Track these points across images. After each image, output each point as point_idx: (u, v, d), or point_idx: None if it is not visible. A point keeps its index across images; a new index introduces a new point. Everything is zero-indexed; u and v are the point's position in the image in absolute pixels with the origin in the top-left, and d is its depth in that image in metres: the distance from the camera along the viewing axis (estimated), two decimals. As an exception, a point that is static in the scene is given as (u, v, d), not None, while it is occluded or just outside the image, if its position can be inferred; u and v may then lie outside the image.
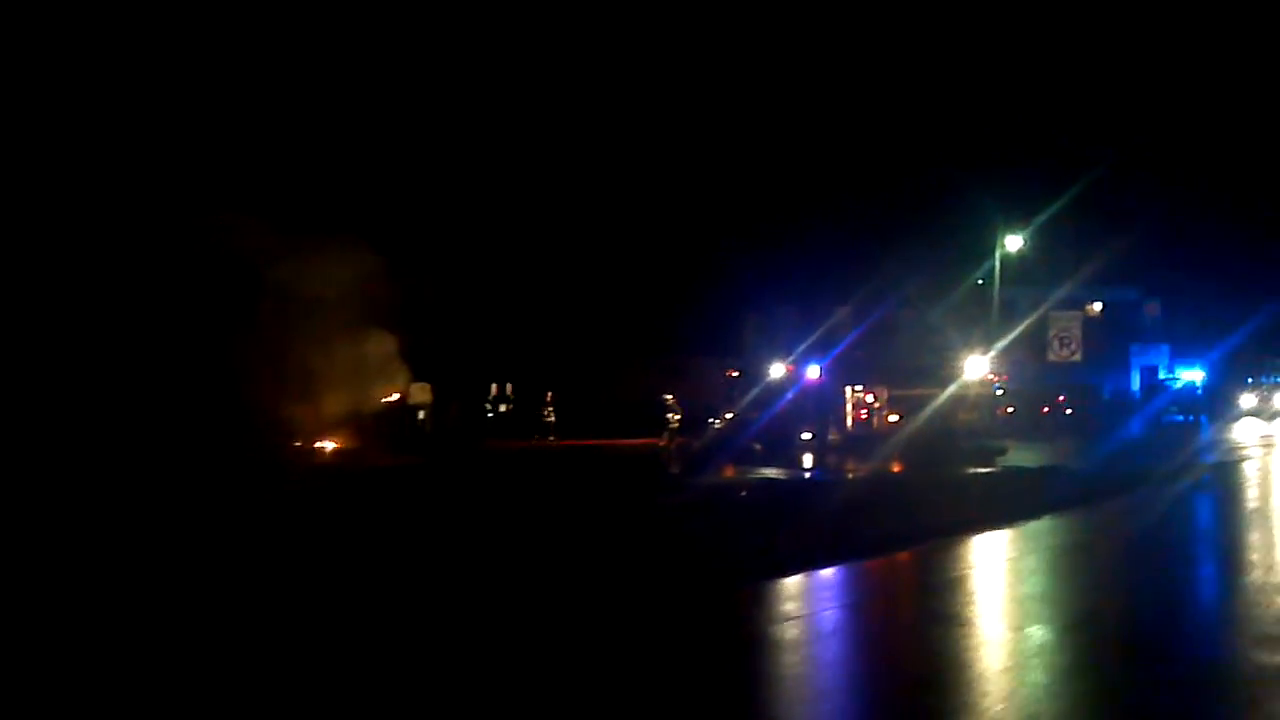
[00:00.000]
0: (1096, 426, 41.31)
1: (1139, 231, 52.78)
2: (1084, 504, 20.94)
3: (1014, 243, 47.38)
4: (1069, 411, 43.09)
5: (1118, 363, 52.73)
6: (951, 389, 34.25)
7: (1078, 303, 54.07)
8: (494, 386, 41.02)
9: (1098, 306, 55.37)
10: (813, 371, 35.17)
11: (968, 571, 14.86)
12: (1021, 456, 29.79)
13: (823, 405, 35.32)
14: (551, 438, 38.45)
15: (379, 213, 38.85)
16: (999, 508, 19.53)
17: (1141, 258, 53.05)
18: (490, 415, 40.86)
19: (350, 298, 32.58)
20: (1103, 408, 48.17)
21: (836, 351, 35.28)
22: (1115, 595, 12.76)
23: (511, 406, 41.88)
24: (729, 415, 35.85)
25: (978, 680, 9.07)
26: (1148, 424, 44.95)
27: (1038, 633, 10.83)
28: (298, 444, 34.10)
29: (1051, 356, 38.92)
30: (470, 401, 40.54)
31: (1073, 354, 39.30)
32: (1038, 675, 9.21)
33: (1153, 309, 55.59)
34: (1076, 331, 42.28)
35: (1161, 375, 52.20)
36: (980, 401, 34.58)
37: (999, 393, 35.89)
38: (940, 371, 34.70)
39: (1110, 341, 52.37)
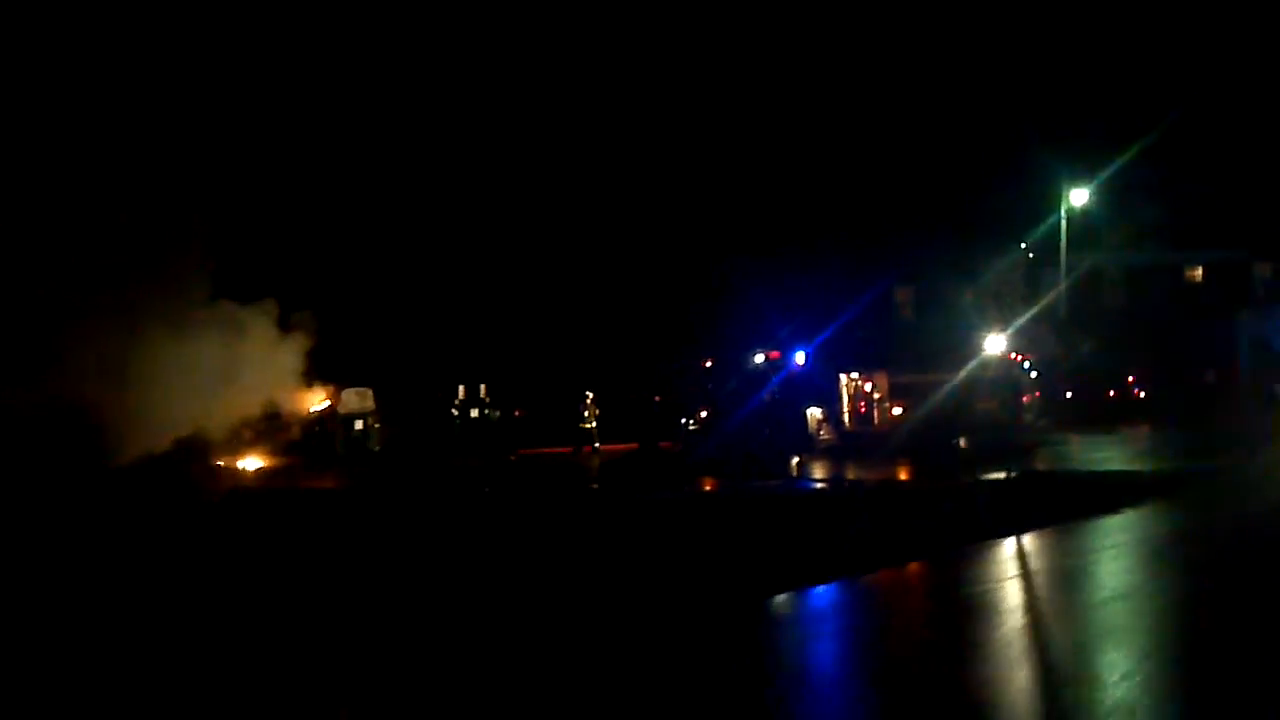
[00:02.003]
0: (1189, 412, 34.22)
1: (1241, 182, 45.42)
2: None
3: (1079, 197, 40.92)
4: (1140, 394, 36.00)
5: (1222, 336, 45.13)
6: (964, 373, 28.08)
7: (1167, 269, 46.83)
8: (461, 389, 36.14)
9: (1199, 273, 48.12)
10: (799, 358, 29.41)
11: None
12: (1075, 456, 23.82)
13: (812, 398, 29.50)
14: (595, 445, 31.28)
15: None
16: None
17: (1247, 212, 45.64)
18: (459, 422, 36.02)
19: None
20: (1202, 389, 40.74)
21: (827, 333, 29.45)
22: None
23: (488, 412, 37.04)
24: (704, 414, 30.33)
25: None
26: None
27: None
28: (218, 463, 30.19)
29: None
30: (431, 407, 35.83)
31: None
32: None
33: (1264, 269, 47.72)
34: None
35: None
36: (1001, 386, 28.25)
37: (1030, 374, 29.46)
38: (956, 353, 28.58)
39: (1209, 310, 44.92)
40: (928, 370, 28.55)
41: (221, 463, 30.36)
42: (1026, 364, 29.28)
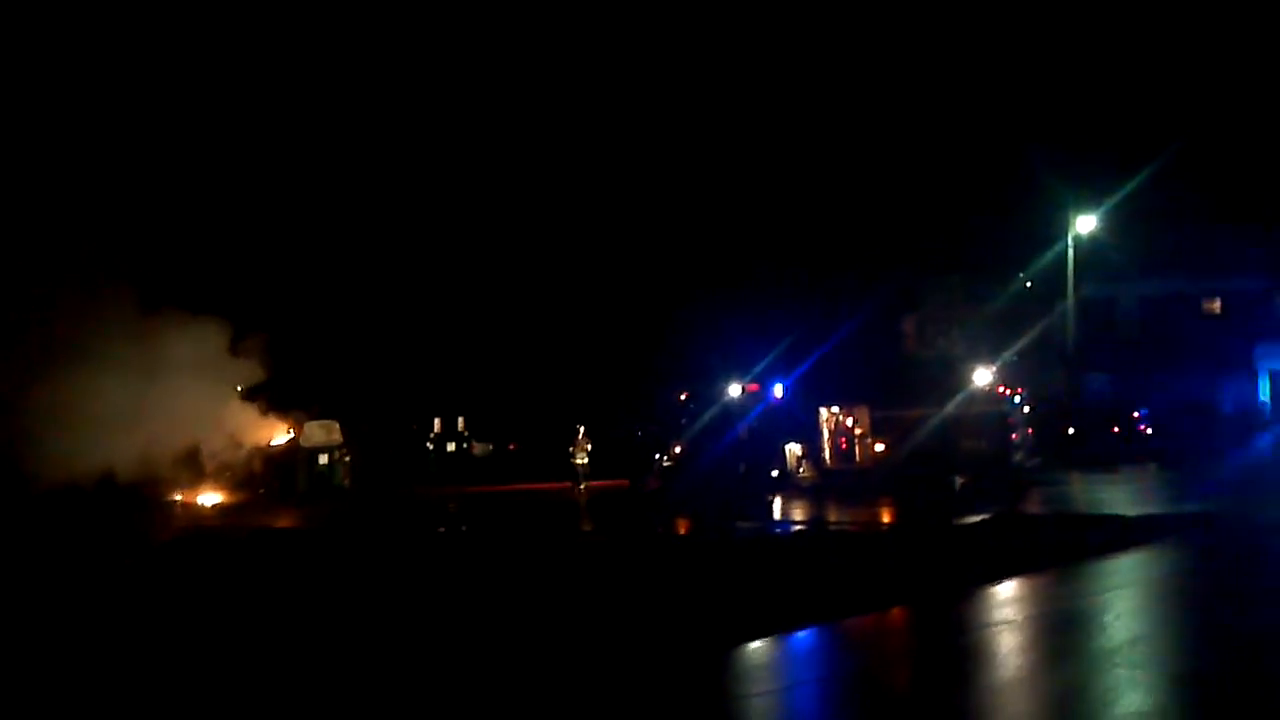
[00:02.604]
0: (1201, 449, 32.34)
1: (1263, 210, 43.56)
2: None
3: (1086, 224, 39.28)
4: (1147, 430, 34.16)
5: (1240, 367, 43.17)
6: (951, 407, 26.50)
7: (1183, 299, 44.95)
8: (437, 422, 34.92)
9: (1216, 304, 46.19)
10: (777, 390, 27.95)
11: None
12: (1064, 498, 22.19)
13: (792, 433, 28.02)
14: (583, 486, 28.53)
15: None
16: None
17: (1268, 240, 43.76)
18: (433, 455, 34.77)
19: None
20: (1220, 424, 38.77)
21: (807, 364, 27.96)
22: None
23: (478, 446, 35.79)
24: (678, 450, 28.90)
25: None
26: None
27: None
28: (175, 499, 29.07)
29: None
30: (405, 440, 34.64)
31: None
32: None
33: (1286, 300, 45.74)
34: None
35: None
36: (989, 422, 26.61)
37: (1022, 409, 27.77)
38: (942, 385, 27.01)
39: (1228, 342, 42.97)
40: (912, 405, 26.98)
41: (179, 497, 29.43)
42: (1018, 398, 27.62)
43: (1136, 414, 33.38)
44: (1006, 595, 13.09)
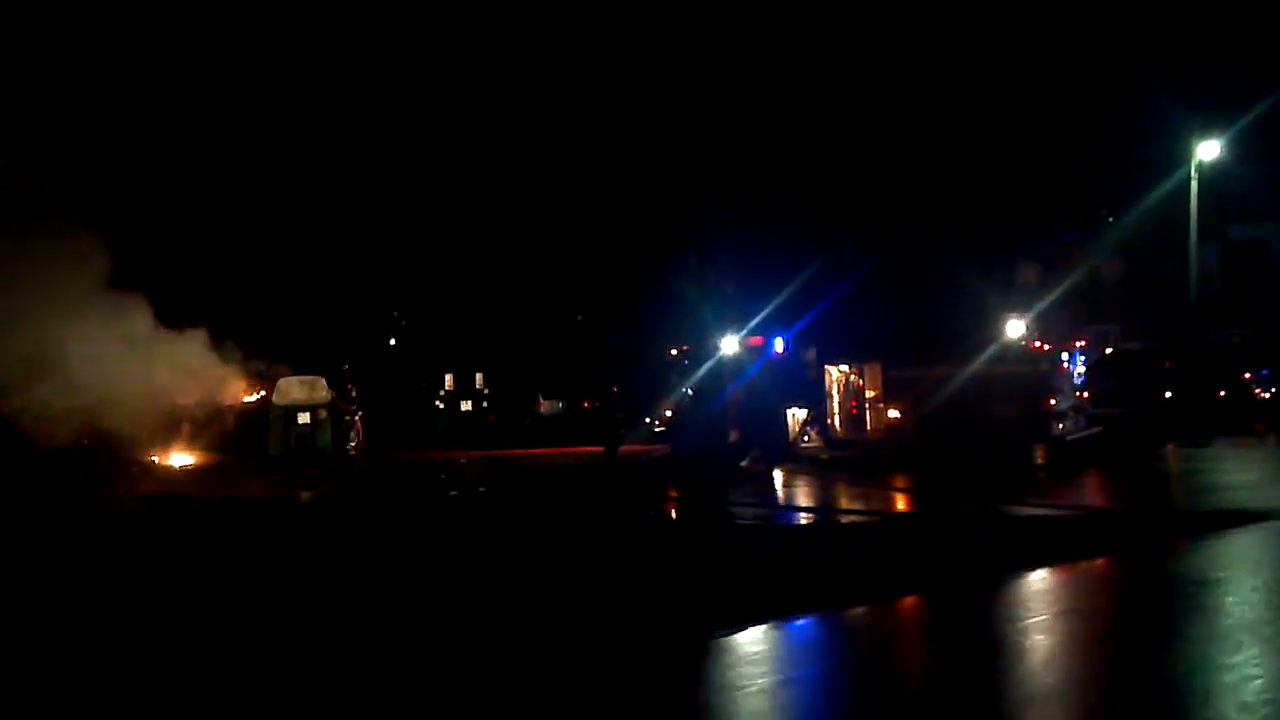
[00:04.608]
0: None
1: None
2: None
3: (1210, 150, 33.47)
4: (1264, 395, 28.17)
5: None
6: (978, 365, 21.95)
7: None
8: (449, 378, 32.06)
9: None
10: (778, 345, 23.92)
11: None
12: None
13: (795, 396, 23.97)
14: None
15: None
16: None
17: None
18: (444, 415, 31.97)
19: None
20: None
21: (813, 315, 23.83)
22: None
23: (486, 404, 32.91)
24: (669, 413, 25.26)
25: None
26: None
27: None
28: (151, 460, 27.26)
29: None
30: (408, 399, 31.95)
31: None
32: None
33: None
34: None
35: None
36: (1026, 384, 21.81)
37: (1075, 368, 22.82)
38: (970, 339, 22.49)
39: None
40: (932, 363, 22.47)
41: (156, 459, 27.65)
42: (1070, 354, 22.72)
43: (1248, 375, 27.57)
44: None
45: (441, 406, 32.05)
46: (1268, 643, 8.82)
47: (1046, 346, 22.28)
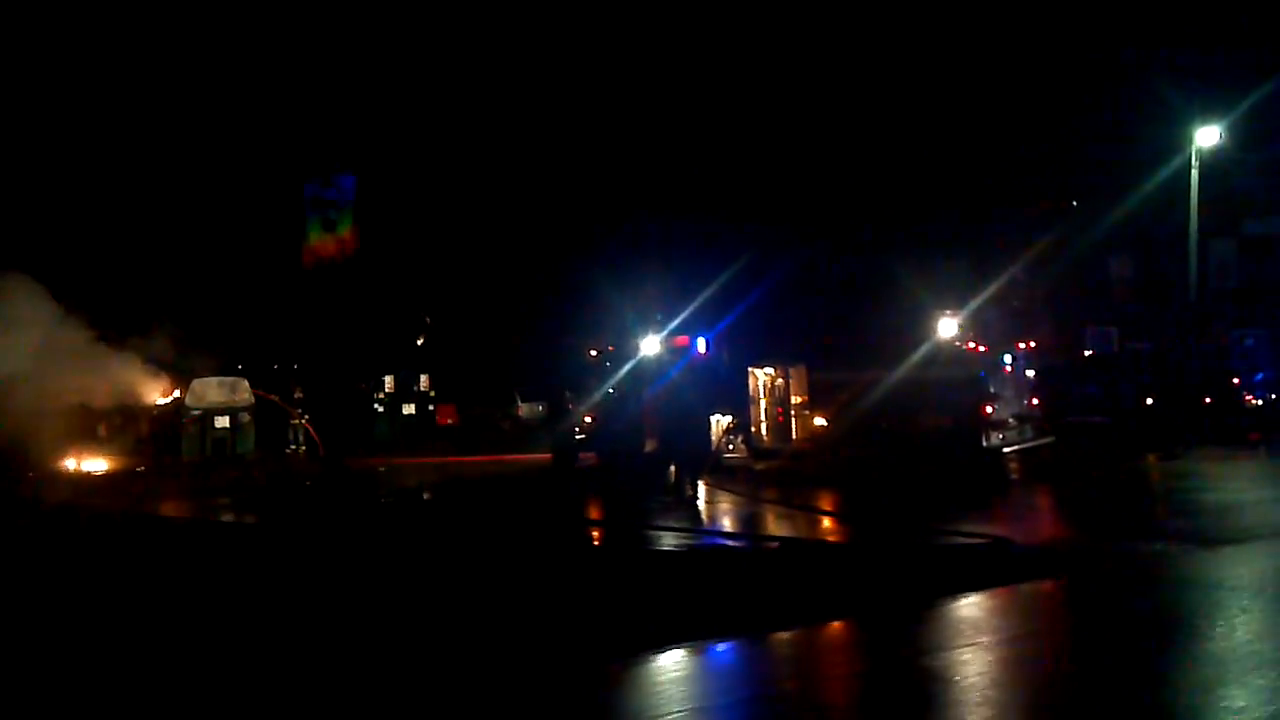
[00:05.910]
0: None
1: None
2: None
3: (1209, 136, 30.82)
4: (1255, 401, 25.52)
5: None
6: (907, 370, 19.82)
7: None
8: (388, 380, 30.41)
9: None
10: (700, 345, 21.93)
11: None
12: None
13: (718, 401, 21.97)
14: None
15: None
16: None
17: None
18: (384, 419, 30.30)
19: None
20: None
21: (736, 313, 21.81)
22: None
23: (432, 408, 31.25)
24: (588, 419, 23.37)
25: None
26: None
27: None
28: (66, 466, 25.93)
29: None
30: (345, 402, 30.26)
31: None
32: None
33: None
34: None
35: None
36: (960, 390, 19.58)
37: (1022, 373, 20.54)
38: (901, 340, 20.37)
39: None
40: (860, 367, 20.35)
41: (73, 465, 26.32)
42: (1016, 358, 20.46)
43: (1237, 380, 25.00)
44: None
45: (381, 410, 30.43)
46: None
47: (983, 349, 20.05)
